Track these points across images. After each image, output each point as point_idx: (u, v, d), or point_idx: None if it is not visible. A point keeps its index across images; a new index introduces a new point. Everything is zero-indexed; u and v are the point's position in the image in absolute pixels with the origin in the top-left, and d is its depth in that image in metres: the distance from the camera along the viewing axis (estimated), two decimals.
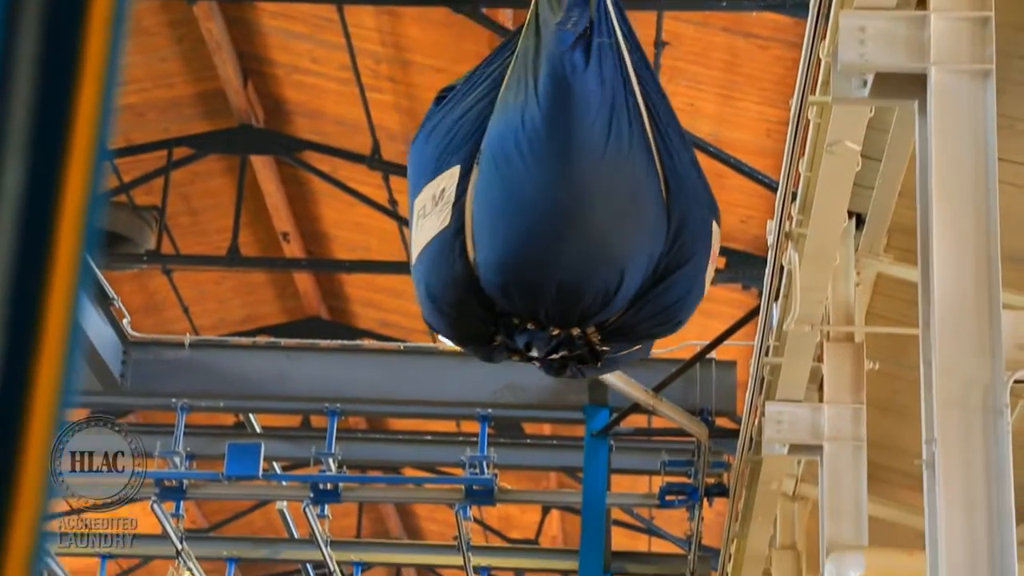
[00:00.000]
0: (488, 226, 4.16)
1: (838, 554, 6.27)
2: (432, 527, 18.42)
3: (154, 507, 9.37)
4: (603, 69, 4.23)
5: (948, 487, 4.34)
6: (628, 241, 4.17)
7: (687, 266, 4.30)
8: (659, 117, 4.38)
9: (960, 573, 4.34)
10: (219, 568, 11.30)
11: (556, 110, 4.12)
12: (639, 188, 4.22)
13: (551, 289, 4.07)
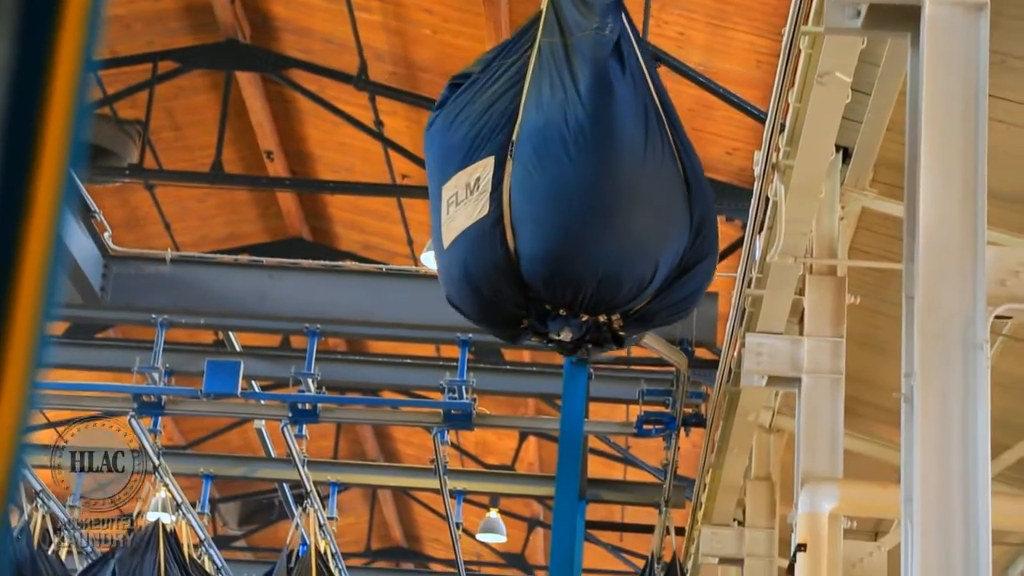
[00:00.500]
0: (532, 218, 4.43)
1: (812, 485, 6.30)
2: (409, 451, 18.51)
3: (132, 422, 9.37)
4: (634, 73, 4.52)
5: (925, 421, 4.35)
6: (662, 236, 4.53)
7: (706, 261, 4.76)
8: (674, 121, 4.66)
9: (933, 507, 4.37)
10: (195, 485, 11.34)
11: (601, 111, 4.42)
12: (671, 187, 4.57)
13: (593, 280, 4.40)
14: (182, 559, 9.17)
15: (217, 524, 18.52)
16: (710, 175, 11.00)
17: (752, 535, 9.27)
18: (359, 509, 20.25)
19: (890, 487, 5.98)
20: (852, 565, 6.85)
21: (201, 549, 10.72)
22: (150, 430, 9.52)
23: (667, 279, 4.54)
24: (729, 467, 8.90)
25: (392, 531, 21.09)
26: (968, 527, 4.31)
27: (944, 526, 4.32)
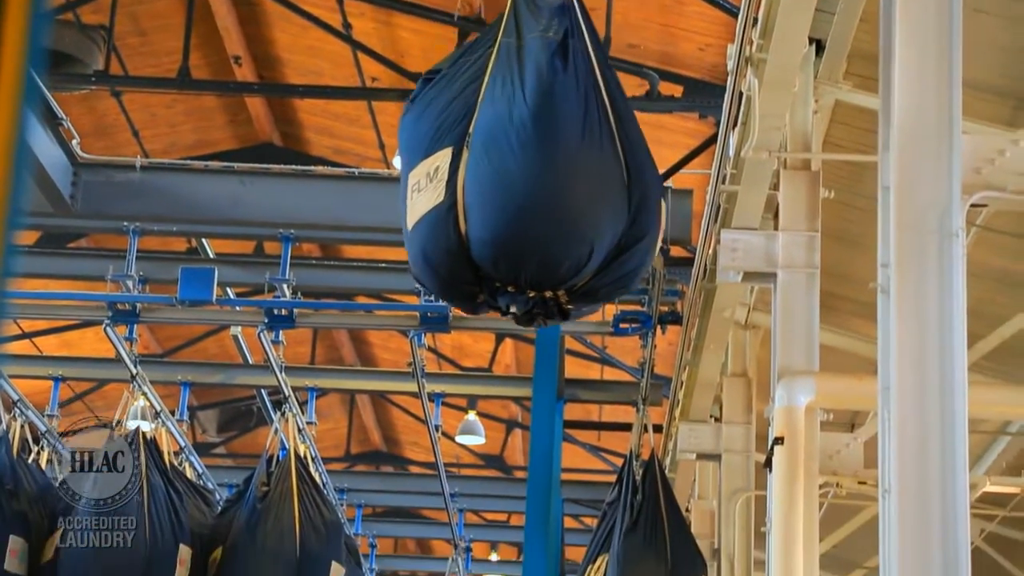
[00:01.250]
0: (479, 205, 4.85)
1: (789, 379, 6.32)
2: (386, 356, 18.56)
3: (107, 331, 9.34)
4: (578, 70, 4.96)
5: (901, 310, 4.37)
6: (598, 221, 4.89)
7: (643, 241, 5.04)
8: (621, 111, 5.07)
9: (910, 396, 4.39)
10: (173, 393, 11.34)
11: (541, 109, 4.84)
12: (608, 175, 4.94)
13: (533, 261, 4.82)
14: (163, 466, 9.18)
15: (196, 432, 18.59)
16: (683, 71, 10.96)
17: (729, 431, 9.35)
18: (337, 415, 20.34)
19: (866, 379, 6.00)
20: (829, 457, 6.91)
21: (181, 456, 10.76)
22: (126, 338, 9.49)
23: (605, 259, 4.97)
24: (705, 364, 8.94)
25: (371, 435, 21.21)
26: (944, 415, 4.34)
27: (921, 415, 4.35)
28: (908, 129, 4.40)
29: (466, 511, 14.58)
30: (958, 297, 4.37)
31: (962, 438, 4.37)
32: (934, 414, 4.33)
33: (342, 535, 9.58)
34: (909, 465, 4.33)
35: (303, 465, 9.41)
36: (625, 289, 5.28)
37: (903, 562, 4.30)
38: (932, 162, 4.36)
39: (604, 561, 8.77)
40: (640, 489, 8.82)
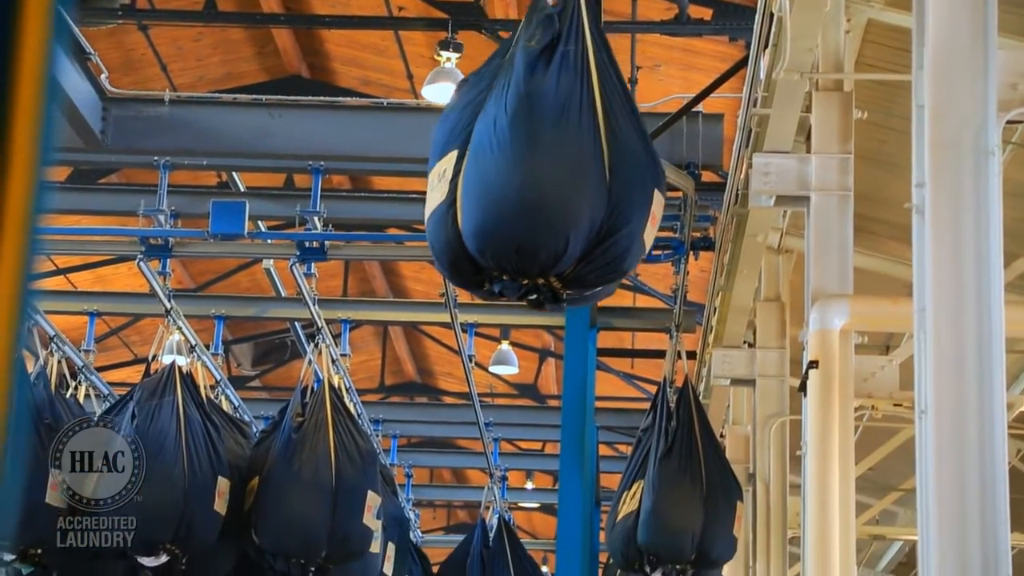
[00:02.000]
0: (467, 203, 5.25)
1: (823, 303, 6.30)
2: (418, 287, 18.58)
3: (140, 265, 9.37)
4: (561, 73, 5.31)
5: (937, 230, 4.33)
6: (571, 214, 5.21)
7: (625, 229, 5.30)
8: (612, 106, 5.36)
9: (946, 316, 4.37)
10: (207, 327, 11.39)
11: (516, 114, 5.23)
12: (583, 170, 5.25)
13: (512, 251, 5.19)
14: (199, 400, 9.24)
15: (231, 365, 18.70)
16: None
17: (763, 356, 9.33)
18: (371, 347, 20.41)
19: (901, 301, 5.98)
20: (864, 380, 6.88)
21: (217, 390, 10.83)
22: (159, 273, 9.52)
23: (587, 247, 5.27)
24: (739, 289, 8.92)
25: (405, 367, 21.29)
26: (981, 335, 4.31)
27: (957, 335, 4.32)
28: (942, 46, 4.34)
29: (501, 440, 14.64)
30: (994, 216, 4.33)
31: (999, 358, 4.34)
32: (970, 334, 4.30)
33: (377, 464, 9.64)
34: (946, 386, 4.30)
35: (337, 396, 9.45)
36: (615, 274, 5.52)
37: (940, 483, 4.29)
38: (967, 79, 4.30)
39: (640, 487, 8.81)
40: (675, 415, 8.83)
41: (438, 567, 12.55)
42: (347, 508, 9.06)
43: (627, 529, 8.77)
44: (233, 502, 9.07)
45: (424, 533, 18.03)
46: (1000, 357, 4.34)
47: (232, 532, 9.09)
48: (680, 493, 8.62)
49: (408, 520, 12.59)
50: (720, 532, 8.64)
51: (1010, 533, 4.32)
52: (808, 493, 6.31)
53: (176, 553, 8.80)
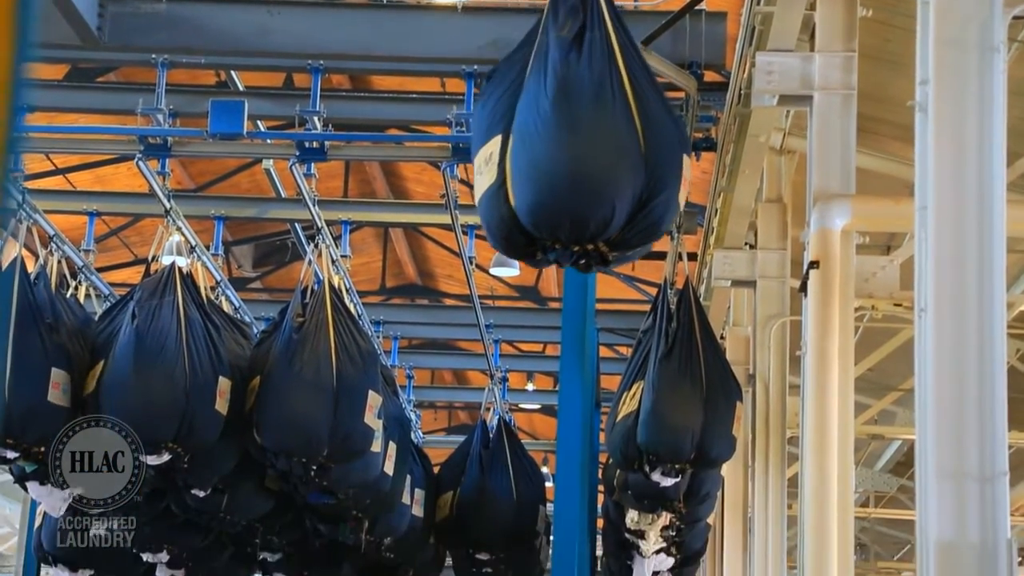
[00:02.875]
0: (520, 183, 5.79)
1: (824, 203, 6.27)
2: (419, 189, 18.53)
3: (139, 164, 9.32)
4: (592, 57, 5.88)
5: (940, 128, 4.30)
6: (616, 184, 5.78)
7: (662, 195, 5.88)
8: (638, 83, 5.95)
9: (947, 215, 4.35)
10: (208, 228, 11.38)
11: (558, 98, 5.79)
12: (622, 145, 5.82)
13: (566, 223, 5.77)
14: (200, 300, 9.24)
15: (232, 267, 18.71)
16: None
17: (764, 256, 9.32)
18: (372, 249, 20.40)
19: (903, 201, 5.95)
20: (864, 280, 6.87)
21: (218, 290, 10.83)
22: (158, 172, 9.48)
23: (630, 214, 5.84)
24: (740, 190, 8.88)
25: (406, 269, 21.30)
26: (982, 234, 4.30)
27: (958, 233, 4.31)
28: None
29: (501, 342, 14.68)
30: (998, 114, 4.29)
31: (999, 257, 4.33)
32: (971, 233, 4.29)
33: (378, 364, 9.66)
34: (945, 285, 4.30)
35: (338, 296, 9.44)
36: (655, 236, 6.13)
37: (939, 381, 4.30)
38: None
39: (639, 388, 8.84)
40: (675, 317, 8.83)
41: (439, 467, 12.63)
42: (348, 408, 9.10)
43: (627, 429, 8.81)
44: (234, 402, 9.10)
45: (425, 434, 18.15)
46: (1001, 256, 4.33)
47: (233, 431, 9.14)
48: (680, 393, 8.65)
49: (409, 420, 12.65)
50: (719, 432, 8.68)
51: (1008, 432, 4.33)
52: (807, 393, 6.33)
53: (178, 451, 8.85)
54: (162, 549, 10.80)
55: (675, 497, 9.46)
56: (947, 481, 4.21)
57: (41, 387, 8.62)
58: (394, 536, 11.28)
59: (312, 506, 9.91)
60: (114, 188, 15.06)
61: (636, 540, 10.48)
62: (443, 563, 12.92)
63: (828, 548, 6.17)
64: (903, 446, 15.49)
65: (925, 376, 4.34)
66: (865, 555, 19.42)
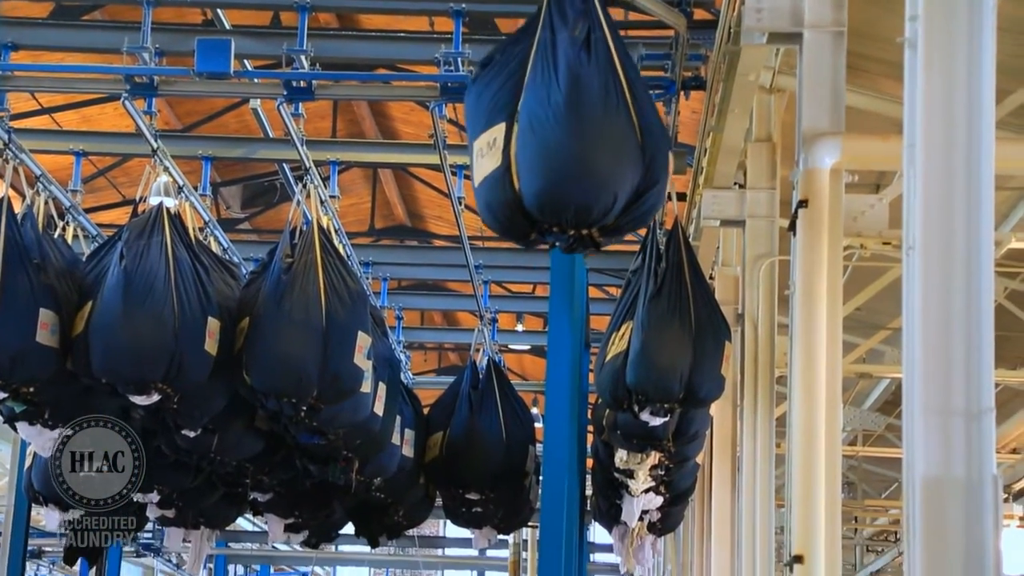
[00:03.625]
0: (528, 169, 6.22)
1: (814, 141, 6.22)
2: (407, 129, 18.47)
3: (126, 104, 9.26)
4: (599, 58, 6.38)
5: (929, 64, 4.28)
6: (619, 175, 6.28)
7: (656, 187, 6.44)
8: (635, 86, 6.47)
9: (936, 152, 4.34)
10: (195, 169, 11.33)
11: (570, 93, 6.24)
12: (625, 139, 6.32)
13: (571, 209, 6.23)
14: (188, 241, 9.22)
15: (220, 208, 18.65)
16: None
17: (753, 196, 9.29)
18: (360, 190, 20.35)
19: (892, 138, 5.92)
20: (853, 219, 6.86)
21: (206, 231, 10.81)
22: (144, 112, 9.43)
23: (627, 203, 6.35)
24: (730, 129, 8.83)
25: (395, 210, 21.26)
26: (971, 172, 4.29)
27: (946, 171, 4.30)
28: None
29: (491, 283, 14.67)
30: (987, 51, 4.27)
31: (988, 194, 4.32)
32: (960, 170, 4.28)
33: (367, 305, 9.67)
34: (934, 222, 4.29)
35: (326, 237, 9.43)
36: (644, 223, 6.89)
37: (926, 319, 4.30)
38: None
39: (628, 328, 8.84)
40: (664, 257, 8.83)
41: (429, 408, 12.67)
42: (338, 348, 9.11)
43: (616, 370, 8.83)
44: (224, 342, 9.10)
45: (415, 375, 18.17)
46: (989, 194, 4.32)
47: (223, 372, 9.15)
48: (669, 333, 8.65)
49: (399, 361, 12.68)
50: (708, 371, 8.71)
51: (994, 369, 4.34)
52: (796, 332, 6.34)
53: (167, 392, 8.87)
54: (152, 489, 10.86)
55: (664, 436, 9.49)
56: (934, 417, 4.22)
57: (29, 327, 8.61)
58: (384, 476, 11.34)
59: (302, 446, 9.95)
60: (100, 128, 14.98)
61: (625, 479, 10.54)
62: (433, 503, 12.99)
63: (816, 486, 6.19)
64: (891, 385, 15.55)
65: (912, 314, 4.34)
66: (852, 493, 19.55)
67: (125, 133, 12.01)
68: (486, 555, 23.84)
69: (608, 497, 11.63)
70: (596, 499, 12.25)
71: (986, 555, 4.17)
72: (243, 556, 22.64)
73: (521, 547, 19.82)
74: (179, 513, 11.49)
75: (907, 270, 4.39)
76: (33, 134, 11.27)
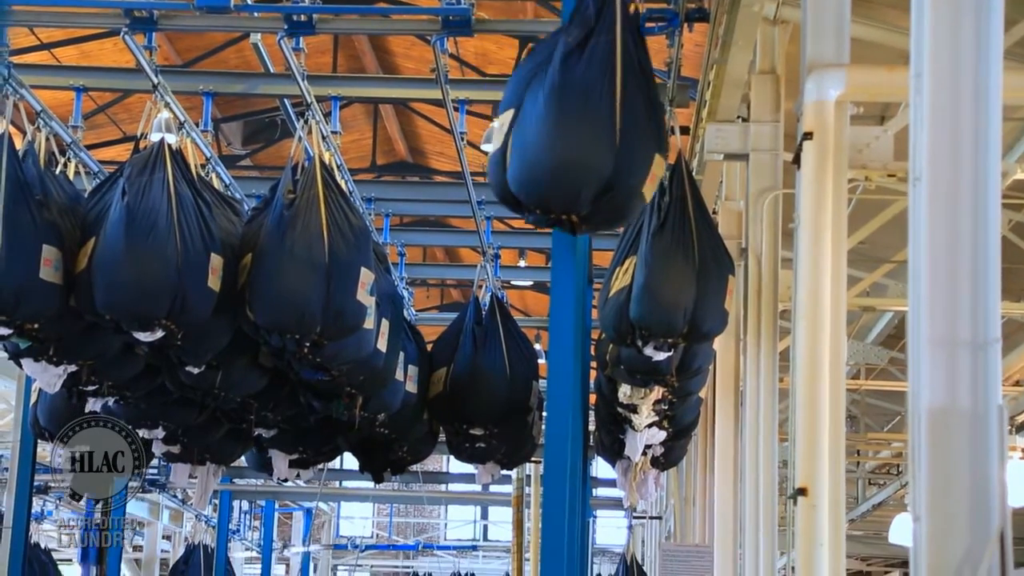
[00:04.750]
0: (513, 156, 6.86)
1: (819, 73, 6.20)
2: (409, 64, 18.38)
3: (125, 38, 9.20)
4: (591, 61, 6.86)
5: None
6: (586, 170, 6.77)
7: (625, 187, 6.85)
8: (628, 88, 6.88)
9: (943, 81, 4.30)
10: (196, 106, 11.27)
11: (550, 96, 6.80)
12: (599, 139, 6.78)
13: (539, 198, 6.85)
14: (190, 177, 9.18)
15: (221, 144, 18.61)
16: None
17: (757, 129, 9.24)
18: (362, 126, 20.30)
19: (898, 69, 5.88)
20: (858, 151, 6.81)
21: (208, 167, 10.77)
22: (144, 47, 9.37)
23: (596, 196, 6.80)
24: (733, 62, 8.79)
25: (396, 146, 21.21)
26: (978, 101, 4.25)
27: (953, 100, 4.26)
28: None
29: (493, 219, 14.64)
30: None
31: (995, 125, 4.29)
32: (967, 100, 4.25)
33: (370, 241, 9.64)
34: (940, 152, 4.26)
35: (328, 172, 9.39)
36: (620, 219, 7.40)
37: (932, 250, 4.28)
38: None
39: (632, 263, 8.83)
40: (667, 191, 8.79)
41: (432, 344, 12.67)
42: (341, 284, 9.10)
43: (619, 304, 8.82)
44: (227, 279, 9.09)
45: (418, 311, 18.18)
46: (996, 124, 4.29)
47: (226, 308, 9.15)
48: (672, 268, 8.64)
49: (401, 298, 12.67)
50: (712, 306, 8.69)
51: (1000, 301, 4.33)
52: (800, 265, 6.32)
53: (171, 328, 8.87)
54: (158, 426, 10.90)
55: (667, 371, 9.50)
56: (939, 348, 4.21)
57: (32, 264, 8.60)
58: (388, 412, 11.36)
59: (306, 383, 9.97)
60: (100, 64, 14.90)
61: (628, 414, 10.56)
62: (436, 438, 13.03)
63: (819, 419, 6.20)
64: (894, 318, 15.54)
65: (918, 244, 4.32)
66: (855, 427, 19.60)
67: (125, 68, 11.95)
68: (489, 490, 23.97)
69: (611, 432, 11.67)
70: (599, 434, 12.28)
71: (992, 486, 4.18)
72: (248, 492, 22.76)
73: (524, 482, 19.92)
74: (185, 449, 11.53)
75: (913, 201, 4.37)
76: (33, 69, 11.21)
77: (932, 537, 4.18)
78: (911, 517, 4.31)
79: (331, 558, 34.85)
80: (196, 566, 22.91)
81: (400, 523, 40.72)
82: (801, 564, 6.03)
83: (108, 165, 11.55)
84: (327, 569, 34.46)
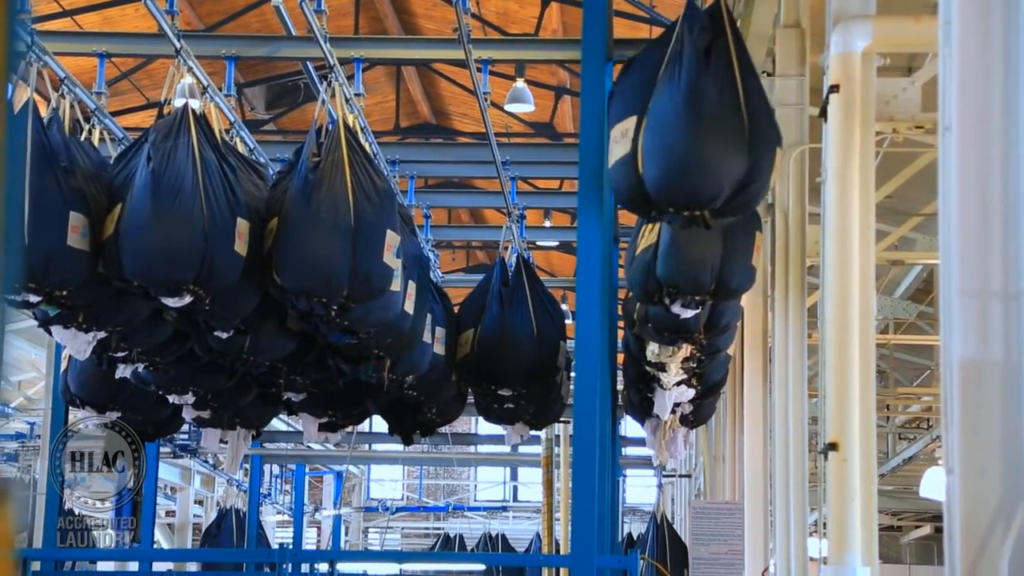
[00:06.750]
0: (650, 158, 7.18)
1: (845, 24, 6.15)
2: (430, 25, 18.32)
3: (147, 3, 9.17)
4: (718, 67, 7.22)
5: None
6: (726, 169, 7.11)
7: (758, 181, 7.24)
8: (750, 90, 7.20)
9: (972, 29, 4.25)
10: (219, 71, 11.25)
11: (688, 97, 7.14)
12: (734, 138, 7.12)
13: (682, 195, 7.16)
14: (215, 141, 9.16)
15: (245, 109, 18.60)
16: None
17: (783, 84, 9.20)
18: (385, 89, 20.26)
19: (925, 19, 5.83)
20: (885, 103, 6.76)
21: (232, 132, 10.75)
22: (167, 11, 9.34)
23: (732, 193, 7.15)
24: (758, 15, 8.74)
25: (420, 108, 21.17)
26: (1008, 46, 4.21)
27: (982, 47, 4.22)
28: None
29: (518, 179, 14.60)
30: None
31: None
32: (996, 46, 4.20)
33: (395, 203, 9.62)
34: (970, 101, 4.22)
35: (352, 135, 9.36)
36: (748, 209, 7.63)
37: (963, 200, 4.25)
38: None
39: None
40: None
41: (459, 306, 12.66)
42: (367, 247, 9.08)
43: (646, 263, 8.80)
44: (253, 243, 9.08)
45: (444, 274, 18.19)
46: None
47: (253, 273, 9.14)
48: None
49: (428, 260, 12.65)
50: (739, 262, 8.66)
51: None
52: (828, 220, 6.29)
53: (199, 294, 8.87)
54: (187, 391, 10.93)
55: (695, 329, 9.48)
56: (971, 300, 4.18)
57: (60, 231, 8.62)
58: (416, 374, 11.37)
59: (334, 346, 9.97)
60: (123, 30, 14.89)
61: (657, 373, 10.55)
62: (465, 400, 13.04)
63: (849, 374, 6.18)
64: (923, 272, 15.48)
65: (948, 195, 4.28)
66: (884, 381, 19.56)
67: (147, 34, 11.94)
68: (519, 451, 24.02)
69: (640, 391, 11.66)
70: (628, 393, 12.28)
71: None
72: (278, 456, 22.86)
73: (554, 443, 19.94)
74: (215, 414, 11.57)
75: (943, 150, 4.33)
76: (55, 36, 11.20)
77: (965, 490, 4.16)
78: (944, 470, 4.29)
79: (362, 520, 35.04)
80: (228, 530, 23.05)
81: (430, 485, 40.91)
82: (833, 519, 6.02)
83: (132, 131, 11.55)
84: (358, 531, 34.66)
